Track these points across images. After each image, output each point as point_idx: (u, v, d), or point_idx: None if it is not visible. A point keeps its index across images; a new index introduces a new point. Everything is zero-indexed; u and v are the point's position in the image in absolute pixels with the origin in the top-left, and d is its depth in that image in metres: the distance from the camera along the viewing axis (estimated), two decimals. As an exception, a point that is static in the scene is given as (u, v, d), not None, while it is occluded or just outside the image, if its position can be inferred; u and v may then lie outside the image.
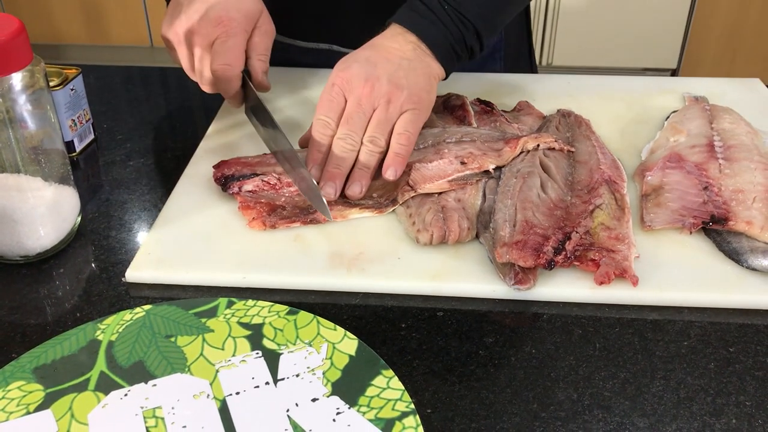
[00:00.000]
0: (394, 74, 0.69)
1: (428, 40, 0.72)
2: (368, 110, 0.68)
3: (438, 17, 0.72)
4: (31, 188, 0.63)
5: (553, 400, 0.52)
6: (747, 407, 0.51)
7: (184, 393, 0.51)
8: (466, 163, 0.69)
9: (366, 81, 0.68)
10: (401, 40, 0.72)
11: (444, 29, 0.72)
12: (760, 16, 2.60)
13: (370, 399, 0.50)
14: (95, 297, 0.61)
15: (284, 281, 0.62)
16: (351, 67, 0.69)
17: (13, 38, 0.57)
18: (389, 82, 0.68)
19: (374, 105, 0.68)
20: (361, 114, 0.68)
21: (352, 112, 0.68)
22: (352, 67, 0.69)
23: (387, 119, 0.68)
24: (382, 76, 0.68)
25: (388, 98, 0.68)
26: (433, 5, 0.72)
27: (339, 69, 0.70)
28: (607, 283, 0.59)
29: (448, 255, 0.64)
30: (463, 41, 0.73)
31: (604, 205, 0.66)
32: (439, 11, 0.72)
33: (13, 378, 0.52)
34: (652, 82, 0.93)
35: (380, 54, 0.70)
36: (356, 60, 0.70)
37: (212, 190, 0.72)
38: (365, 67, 0.69)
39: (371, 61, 0.70)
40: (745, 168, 0.69)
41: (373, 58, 0.70)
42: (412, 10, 0.73)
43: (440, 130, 0.76)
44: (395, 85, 0.68)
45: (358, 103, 0.68)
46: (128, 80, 0.99)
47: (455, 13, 0.72)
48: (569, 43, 2.66)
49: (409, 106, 0.69)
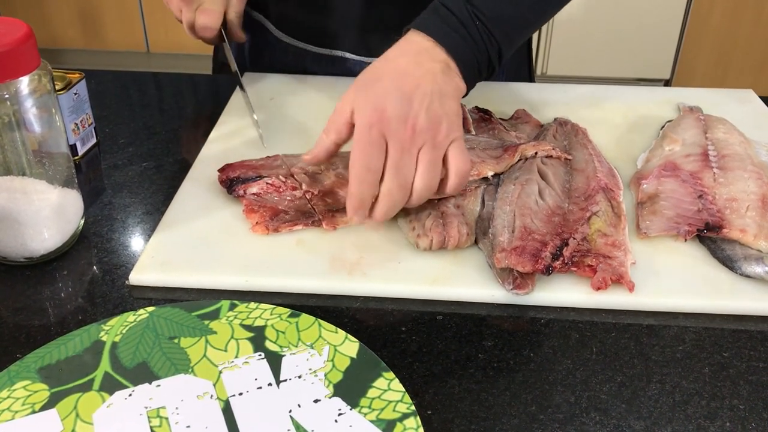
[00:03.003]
0: (430, 107, 0.64)
1: (458, 58, 0.68)
2: (414, 153, 0.63)
3: (469, 33, 0.68)
4: (36, 191, 0.64)
5: (550, 403, 0.53)
6: (740, 411, 0.53)
7: (187, 393, 0.52)
8: None
9: (405, 122, 0.63)
10: (428, 58, 0.67)
11: (474, 46, 0.68)
12: (752, 27, 2.63)
13: (372, 400, 0.51)
14: (98, 299, 0.62)
15: (286, 284, 0.62)
16: (386, 107, 0.63)
17: (22, 43, 0.58)
18: (429, 118, 0.63)
19: (419, 145, 0.63)
20: (408, 160, 0.63)
21: (398, 159, 0.63)
22: (388, 107, 0.63)
23: (436, 158, 0.64)
24: (420, 112, 0.63)
25: (432, 135, 0.63)
26: (464, 19, 0.68)
27: (371, 108, 0.63)
28: (603, 288, 0.60)
29: (447, 260, 0.65)
30: (488, 60, 0.70)
31: (600, 213, 0.67)
32: (471, 26, 0.68)
33: (18, 378, 0.53)
34: (647, 92, 0.94)
35: (411, 81, 0.65)
36: (388, 96, 0.64)
37: (215, 194, 0.72)
38: (401, 104, 0.63)
39: (405, 93, 0.64)
40: (739, 177, 0.71)
41: (405, 89, 0.64)
42: (443, 22, 0.68)
43: None
44: (436, 119, 0.64)
45: (403, 149, 0.63)
46: (130, 85, 1.00)
47: (484, 29, 0.68)
48: (564, 53, 2.69)
49: (452, 136, 0.64)
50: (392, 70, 0.66)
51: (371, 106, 0.63)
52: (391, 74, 0.66)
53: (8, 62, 0.57)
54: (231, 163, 0.74)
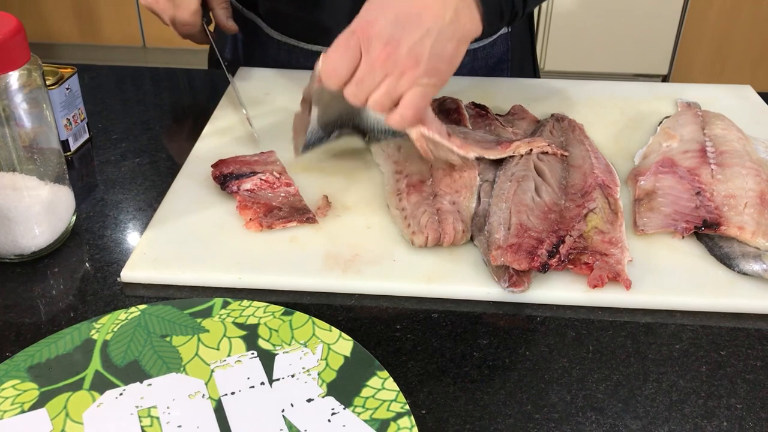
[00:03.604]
0: (417, 43, 0.63)
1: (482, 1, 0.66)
2: (379, 76, 0.64)
3: None
4: (26, 187, 0.63)
5: (546, 402, 0.52)
6: (738, 410, 0.52)
7: (179, 393, 0.51)
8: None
9: (386, 45, 0.63)
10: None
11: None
12: (750, 23, 2.63)
13: (365, 400, 0.50)
14: (90, 296, 0.61)
15: (280, 282, 0.62)
16: (377, 22, 0.63)
17: (11, 37, 0.57)
18: (409, 54, 0.63)
19: (387, 72, 0.63)
20: (371, 79, 0.64)
21: (364, 75, 0.64)
22: (378, 23, 0.63)
23: (396, 90, 0.64)
24: (403, 43, 0.63)
25: (402, 70, 0.63)
26: None
27: (365, 18, 0.64)
28: (600, 286, 0.60)
29: (442, 257, 0.64)
30: (512, 4, 0.69)
31: (597, 209, 0.66)
32: None
33: (7, 377, 0.52)
34: (645, 88, 0.94)
35: (414, 8, 0.64)
36: (384, 13, 0.63)
37: (208, 191, 0.72)
38: (390, 26, 0.63)
39: (400, 21, 0.63)
40: (737, 173, 0.70)
41: (402, 18, 0.63)
42: None
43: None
44: (414, 57, 0.63)
45: (372, 67, 0.63)
46: (123, 80, 0.99)
47: None
48: (561, 49, 2.68)
49: (422, 81, 0.64)
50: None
51: (364, 16, 0.64)
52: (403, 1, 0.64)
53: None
54: (224, 159, 0.73)
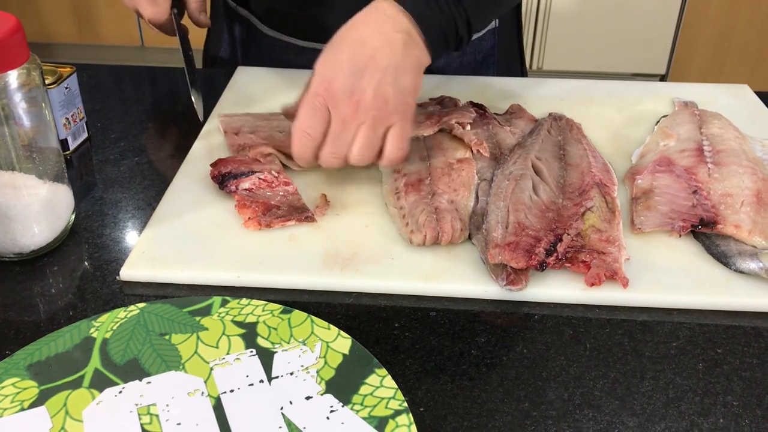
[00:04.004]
0: (380, 84, 0.65)
1: (422, 25, 0.67)
2: (354, 128, 0.65)
3: (436, 1, 0.68)
4: (26, 186, 0.63)
5: (544, 400, 0.53)
6: (734, 407, 0.52)
7: (178, 390, 0.51)
8: None
9: (351, 96, 0.64)
10: (391, 27, 0.67)
11: (440, 15, 0.68)
12: (748, 22, 2.63)
13: (364, 397, 0.50)
14: (89, 295, 0.62)
15: (278, 280, 0.62)
16: (336, 78, 0.65)
17: (10, 36, 0.57)
18: (375, 97, 0.64)
19: (360, 122, 0.65)
20: (347, 133, 0.66)
21: (338, 131, 0.66)
22: (337, 79, 0.65)
23: (375, 137, 0.66)
24: (367, 89, 0.64)
25: (374, 115, 0.65)
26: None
27: (322, 77, 0.66)
28: (597, 284, 0.60)
29: (440, 256, 0.64)
30: (455, 29, 0.70)
31: (595, 208, 0.67)
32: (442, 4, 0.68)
33: (7, 375, 0.52)
34: (642, 87, 0.94)
35: (367, 52, 0.65)
36: (340, 67, 0.65)
37: (207, 189, 0.72)
38: (350, 78, 0.64)
39: (357, 70, 0.65)
40: (734, 172, 0.70)
41: (359, 63, 0.65)
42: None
43: None
44: (382, 99, 0.65)
45: (344, 122, 0.65)
46: (122, 79, 0.99)
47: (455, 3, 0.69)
48: (559, 48, 2.68)
49: (395, 119, 0.66)
50: (353, 37, 0.68)
51: (322, 77, 0.66)
52: (350, 43, 0.67)
53: (-4, 56, 0.57)
54: (223, 158, 0.73)
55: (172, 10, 0.86)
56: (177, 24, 0.88)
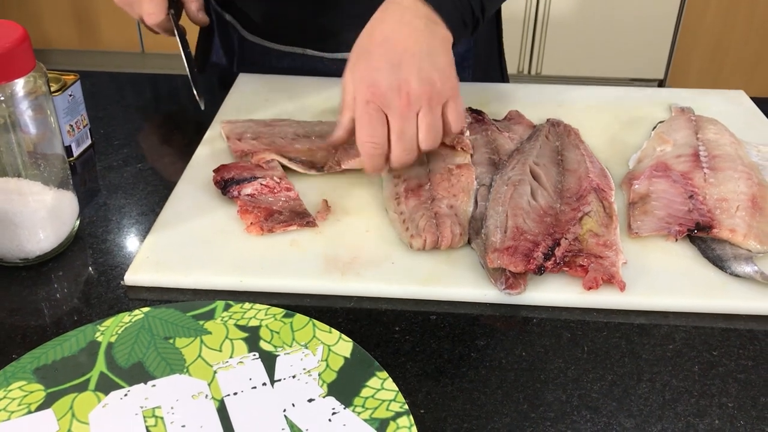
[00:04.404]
0: (420, 70, 0.67)
1: (441, 10, 0.70)
2: (413, 119, 0.67)
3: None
4: (31, 192, 0.64)
5: (542, 401, 0.54)
6: (729, 408, 0.53)
7: (182, 393, 0.52)
8: None
9: (399, 91, 0.66)
10: (412, 15, 0.69)
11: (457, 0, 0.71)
12: (746, 27, 2.64)
13: (365, 399, 0.51)
14: (94, 299, 0.62)
15: (280, 285, 0.63)
16: (378, 80, 0.66)
17: (17, 45, 0.58)
18: (421, 83, 0.66)
19: (416, 110, 0.67)
20: (409, 126, 0.67)
21: (401, 127, 0.67)
22: (380, 80, 0.66)
23: (435, 118, 0.68)
24: (411, 78, 0.66)
25: (427, 99, 0.67)
26: None
27: (366, 84, 0.67)
28: (595, 288, 0.61)
29: (440, 260, 0.65)
30: (471, 10, 0.72)
31: (592, 213, 0.68)
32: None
33: (14, 378, 0.53)
34: (640, 93, 0.95)
35: (398, 46, 0.67)
36: (378, 68, 0.67)
37: (209, 195, 0.73)
38: (392, 74, 0.66)
39: (393, 62, 0.67)
40: (729, 177, 0.71)
41: (393, 57, 0.67)
42: None
43: None
44: (427, 83, 0.67)
45: (402, 117, 0.67)
46: (123, 86, 1.00)
47: None
48: (558, 53, 2.69)
49: (447, 95, 0.68)
50: (378, 38, 0.69)
51: (365, 83, 0.67)
52: (378, 44, 0.69)
53: (3, 65, 0.58)
54: (226, 164, 0.74)
55: (169, 11, 0.88)
56: (175, 24, 0.89)
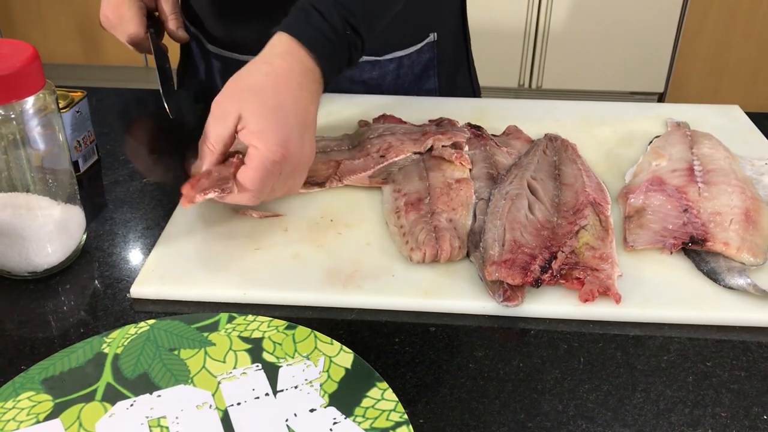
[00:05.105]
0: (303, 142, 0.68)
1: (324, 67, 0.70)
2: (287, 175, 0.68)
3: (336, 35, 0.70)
4: (39, 207, 0.66)
5: (539, 411, 0.55)
6: (722, 418, 0.54)
7: (187, 403, 0.53)
8: (384, 156, 0.78)
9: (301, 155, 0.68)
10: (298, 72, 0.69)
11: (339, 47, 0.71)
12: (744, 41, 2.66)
13: (366, 410, 0.52)
14: (100, 312, 0.64)
15: (283, 297, 0.64)
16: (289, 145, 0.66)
17: (28, 64, 0.60)
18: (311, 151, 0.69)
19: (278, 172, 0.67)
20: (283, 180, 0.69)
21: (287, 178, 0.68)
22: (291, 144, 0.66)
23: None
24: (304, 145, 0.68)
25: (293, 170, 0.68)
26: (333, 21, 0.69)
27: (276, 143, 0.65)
28: (591, 300, 0.62)
29: (439, 273, 0.66)
30: (349, 57, 0.73)
31: (588, 226, 0.69)
32: (339, 28, 0.70)
33: (23, 389, 0.54)
34: (636, 108, 0.97)
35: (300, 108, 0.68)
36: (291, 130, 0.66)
37: (214, 210, 0.74)
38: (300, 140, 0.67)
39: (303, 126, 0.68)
40: (723, 191, 0.73)
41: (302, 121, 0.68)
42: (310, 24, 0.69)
43: (366, 128, 0.85)
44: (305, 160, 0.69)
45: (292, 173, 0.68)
46: (129, 102, 1.02)
47: (351, 29, 0.71)
48: (559, 67, 2.71)
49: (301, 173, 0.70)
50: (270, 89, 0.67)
51: (275, 141, 0.65)
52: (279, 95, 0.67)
53: (15, 83, 0.59)
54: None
55: (149, 30, 0.91)
56: (153, 42, 0.92)
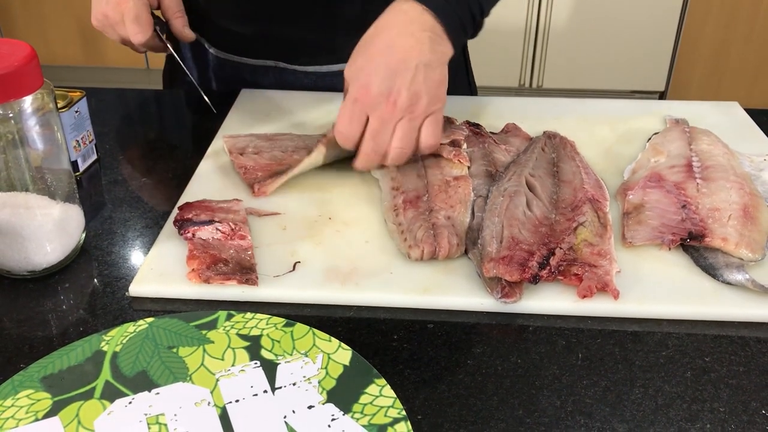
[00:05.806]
0: (413, 83, 0.70)
1: (444, 20, 0.72)
2: (392, 125, 0.71)
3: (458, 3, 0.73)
4: (38, 206, 0.66)
5: (537, 407, 0.55)
6: (721, 413, 0.54)
7: (185, 401, 0.53)
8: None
9: (388, 98, 0.69)
10: (418, 27, 0.71)
11: (458, 7, 0.73)
12: (746, 39, 2.66)
13: (364, 406, 0.52)
14: (99, 310, 0.64)
15: (281, 295, 0.64)
16: (372, 83, 0.69)
17: (26, 64, 0.60)
18: (410, 95, 0.70)
19: (397, 118, 0.70)
20: (386, 130, 0.71)
21: (377, 129, 0.71)
22: (373, 83, 0.69)
23: (411, 129, 0.71)
24: (402, 89, 0.69)
25: (411, 110, 0.70)
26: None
27: (361, 82, 0.70)
28: (589, 296, 0.62)
29: (438, 270, 0.66)
30: (472, 19, 0.75)
31: (587, 223, 0.69)
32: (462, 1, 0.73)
33: (22, 387, 0.54)
34: (635, 105, 0.97)
35: (398, 55, 0.70)
36: (375, 71, 0.70)
37: (212, 208, 0.74)
38: (386, 81, 0.69)
39: (390, 69, 0.70)
40: (722, 187, 0.73)
41: (392, 68, 0.70)
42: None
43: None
44: (416, 95, 0.70)
45: (383, 121, 0.70)
46: (128, 102, 1.02)
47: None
48: (559, 66, 2.72)
49: (430, 109, 0.71)
50: (381, 44, 0.72)
51: (359, 82, 0.70)
52: (380, 50, 0.71)
53: (12, 83, 0.59)
54: (191, 203, 0.72)
55: (155, 28, 0.90)
56: (164, 38, 0.91)
